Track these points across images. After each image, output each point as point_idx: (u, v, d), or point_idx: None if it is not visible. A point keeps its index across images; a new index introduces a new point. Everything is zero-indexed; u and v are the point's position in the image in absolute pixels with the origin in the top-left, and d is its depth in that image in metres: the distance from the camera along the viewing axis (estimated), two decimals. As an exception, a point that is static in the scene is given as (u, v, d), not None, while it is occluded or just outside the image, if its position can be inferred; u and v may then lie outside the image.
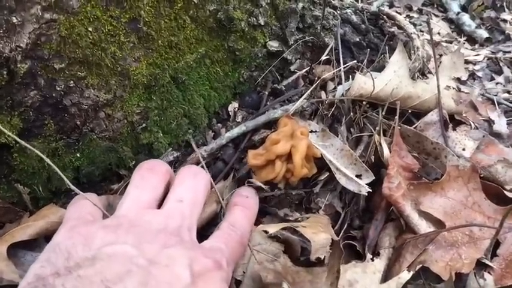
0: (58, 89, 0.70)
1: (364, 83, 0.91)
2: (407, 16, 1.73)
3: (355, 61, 0.98)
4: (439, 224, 0.79)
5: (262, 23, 0.94)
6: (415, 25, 1.66)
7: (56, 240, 0.59)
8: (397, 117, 0.89)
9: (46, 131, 0.72)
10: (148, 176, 0.71)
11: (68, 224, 0.62)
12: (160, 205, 0.69)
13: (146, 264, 0.55)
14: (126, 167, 0.83)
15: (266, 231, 0.73)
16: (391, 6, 1.87)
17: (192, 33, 0.84)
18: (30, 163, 0.73)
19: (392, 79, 0.94)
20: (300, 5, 0.99)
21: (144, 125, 0.82)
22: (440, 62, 1.06)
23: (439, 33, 1.63)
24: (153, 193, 0.69)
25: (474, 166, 0.83)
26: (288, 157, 0.78)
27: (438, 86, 0.95)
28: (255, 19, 0.92)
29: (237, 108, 0.94)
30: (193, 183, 0.72)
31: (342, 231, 0.85)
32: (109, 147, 0.79)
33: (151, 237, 0.59)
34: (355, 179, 0.83)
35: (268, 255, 0.73)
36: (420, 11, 1.81)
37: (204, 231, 0.77)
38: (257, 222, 0.80)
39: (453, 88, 1.02)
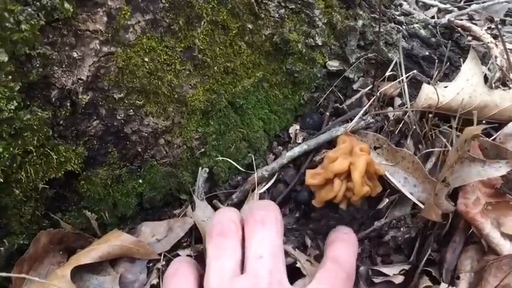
0: (119, 117, 0.73)
1: (432, 93, 0.85)
2: (489, 28, 1.61)
3: (415, 72, 0.92)
4: (526, 243, 0.70)
5: (320, 43, 0.93)
6: (495, 36, 1.54)
7: None
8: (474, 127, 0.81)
9: (110, 158, 0.76)
10: (221, 243, 0.65)
11: None
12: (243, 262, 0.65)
13: None
14: (186, 192, 0.84)
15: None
16: (470, 19, 1.76)
17: (248, 58, 0.85)
18: (96, 190, 0.76)
19: (464, 88, 0.87)
20: (360, 22, 0.97)
21: (203, 149, 0.83)
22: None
23: (525, 43, 1.50)
24: (234, 259, 0.63)
25: None
26: (348, 175, 0.74)
27: (517, 92, 0.86)
28: (312, 40, 0.91)
29: (298, 130, 0.93)
30: (265, 234, 0.65)
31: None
32: (169, 172, 0.81)
33: None
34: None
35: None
36: (503, 22, 1.68)
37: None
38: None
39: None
